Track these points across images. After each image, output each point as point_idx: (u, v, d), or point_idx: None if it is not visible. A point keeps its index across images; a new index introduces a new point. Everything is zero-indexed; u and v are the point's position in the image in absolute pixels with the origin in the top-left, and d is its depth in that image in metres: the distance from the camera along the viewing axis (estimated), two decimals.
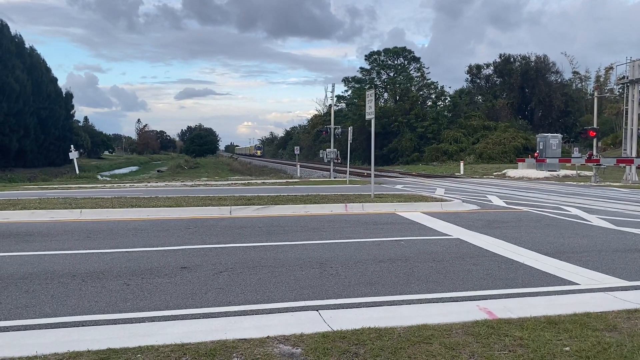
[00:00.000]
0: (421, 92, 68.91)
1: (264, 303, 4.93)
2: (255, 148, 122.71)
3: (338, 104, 71.61)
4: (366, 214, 11.63)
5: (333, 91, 40.81)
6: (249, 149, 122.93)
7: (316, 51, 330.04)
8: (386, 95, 72.02)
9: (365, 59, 73.94)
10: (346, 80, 74.60)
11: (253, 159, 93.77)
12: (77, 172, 34.46)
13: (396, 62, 72.85)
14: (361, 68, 74.39)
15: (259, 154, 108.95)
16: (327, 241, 8.18)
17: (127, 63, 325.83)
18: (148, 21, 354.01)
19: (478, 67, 75.40)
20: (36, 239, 8.28)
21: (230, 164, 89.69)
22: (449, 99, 67.98)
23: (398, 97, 68.48)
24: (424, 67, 72.15)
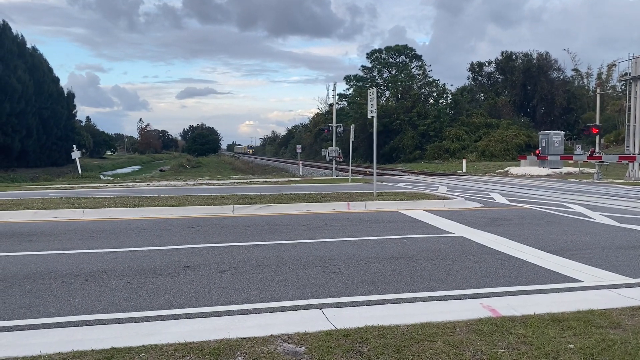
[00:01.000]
0: (423, 90, 68.75)
1: (267, 302, 4.93)
2: (247, 147, 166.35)
3: (340, 102, 71.59)
4: (369, 212, 11.63)
5: (335, 90, 40.50)
6: (243, 148, 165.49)
7: (317, 49, 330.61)
8: (388, 93, 71.94)
9: (367, 57, 73.95)
10: (348, 79, 74.58)
11: (255, 157, 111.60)
12: (80, 171, 34.52)
13: (398, 60, 72.79)
14: (363, 66, 74.44)
15: (251, 152, 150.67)
16: (330, 240, 8.17)
17: (128, 62, 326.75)
18: (148, 20, 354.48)
19: (480, 65, 75.26)
20: (39, 238, 8.30)
21: (232, 163, 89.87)
22: (450, 96, 67.83)
23: (400, 95, 68.35)
24: (426, 64, 72.11)
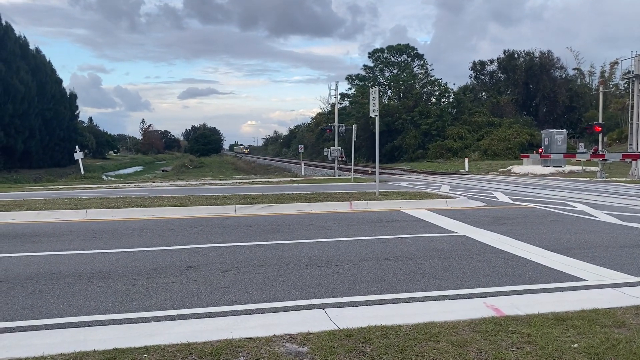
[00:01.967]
0: (425, 89, 68.59)
1: (269, 302, 4.92)
2: (244, 148, 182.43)
3: (342, 101, 71.46)
4: (371, 212, 11.61)
5: (337, 89, 40.86)
6: (241, 149, 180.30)
7: (318, 49, 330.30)
8: (390, 92, 71.76)
9: (369, 57, 73.73)
10: (350, 78, 74.42)
11: (257, 157, 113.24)
12: (82, 172, 34.54)
13: (399, 59, 72.61)
14: (365, 65, 74.16)
15: (247, 152, 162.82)
16: (333, 239, 8.16)
17: (130, 63, 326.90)
18: (150, 21, 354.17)
19: (482, 64, 75.07)
20: (42, 239, 8.31)
21: (234, 163, 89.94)
22: (452, 95, 67.65)
23: (402, 95, 68.22)
24: (428, 64, 71.94)
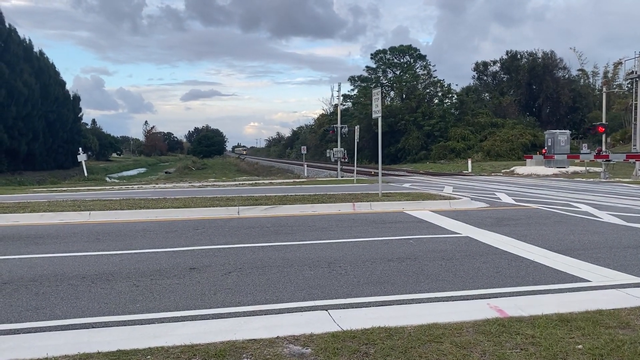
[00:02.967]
0: (428, 90, 68.54)
1: (273, 303, 4.92)
2: (242, 149, 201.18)
3: (344, 103, 71.52)
4: (374, 213, 11.60)
5: (339, 90, 40.77)
6: (241, 150, 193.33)
7: (320, 51, 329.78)
8: (392, 93, 71.73)
9: (371, 58, 73.71)
10: (352, 79, 74.43)
11: (259, 159, 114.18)
12: (86, 174, 34.67)
13: (402, 60, 72.55)
14: (367, 67, 74.14)
15: (245, 153, 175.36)
16: (336, 241, 8.16)
17: (133, 65, 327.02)
18: (152, 23, 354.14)
19: (485, 64, 75.01)
20: (45, 241, 8.33)
21: (237, 165, 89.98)
22: (455, 96, 67.61)
23: (404, 96, 68.19)
24: (430, 65, 71.87)
